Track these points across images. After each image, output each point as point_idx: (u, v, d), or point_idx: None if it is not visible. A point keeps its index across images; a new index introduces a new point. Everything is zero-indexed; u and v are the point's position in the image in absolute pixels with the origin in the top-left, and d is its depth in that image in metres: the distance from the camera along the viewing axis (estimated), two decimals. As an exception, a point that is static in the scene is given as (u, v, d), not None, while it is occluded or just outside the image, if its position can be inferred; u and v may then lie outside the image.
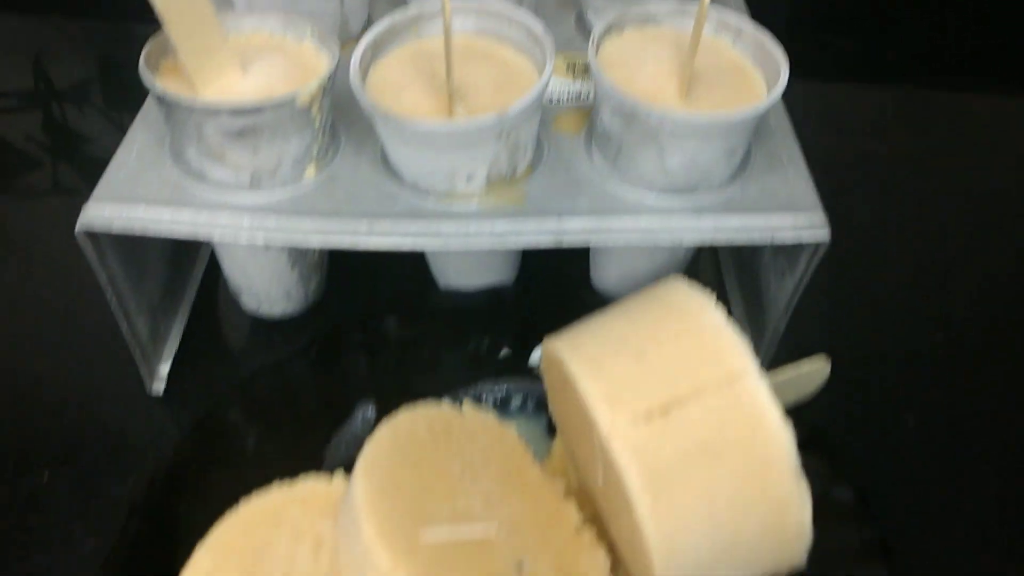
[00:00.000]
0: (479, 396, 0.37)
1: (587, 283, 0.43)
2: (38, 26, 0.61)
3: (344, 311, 0.42)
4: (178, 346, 0.41)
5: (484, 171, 0.33)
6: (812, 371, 0.32)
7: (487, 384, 0.38)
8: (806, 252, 0.34)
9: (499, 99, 0.33)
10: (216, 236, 0.33)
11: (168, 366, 0.40)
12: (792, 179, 0.35)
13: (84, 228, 0.32)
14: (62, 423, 0.38)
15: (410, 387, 0.36)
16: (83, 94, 0.56)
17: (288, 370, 0.37)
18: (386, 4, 0.43)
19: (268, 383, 0.37)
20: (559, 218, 0.33)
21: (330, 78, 0.33)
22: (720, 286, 0.44)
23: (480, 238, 0.33)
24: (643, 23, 0.36)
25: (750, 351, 0.28)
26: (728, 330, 0.28)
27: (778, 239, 0.33)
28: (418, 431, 0.31)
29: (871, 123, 0.55)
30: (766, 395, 0.27)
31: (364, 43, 0.34)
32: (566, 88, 0.39)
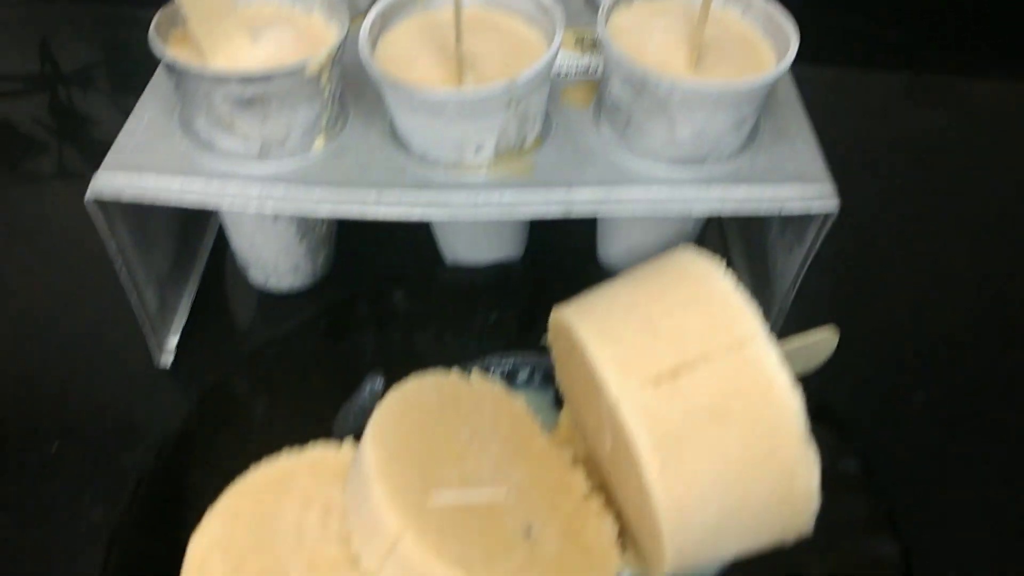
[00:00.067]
0: (486, 369, 0.37)
1: (594, 258, 0.43)
2: (44, 10, 0.61)
3: (352, 286, 0.42)
4: (186, 320, 0.41)
5: (493, 142, 0.33)
6: (820, 341, 0.32)
7: (494, 357, 0.38)
8: (814, 224, 0.34)
9: (508, 70, 0.33)
10: (225, 205, 0.33)
11: (176, 339, 0.40)
12: (801, 151, 0.35)
13: (94, 196, 0.32)
14: (70, 396, 0.38)
15: (418, 360, 0.36)
16: (89, 78, 0.56)
17: (296, 342, 0.37)
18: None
19: (277, 355, 0.37)
20: (568, 189, 0.34)
21: (339, 47, 0.33)
22: (727, 262, 0.44)
23: (488, 208, 0.33)
24: (652, -5, 0.36)
25: (759, 316, 0.28)
26: (737, 295, 0.28)
27: (787, 209, 0.33)
28: (427, 398, 0.31)
29: (879, 106, 0.55)
30: (775, 359, 0.27)
31: (373, 14, 0.34)
32: (574, 62, 0.39)
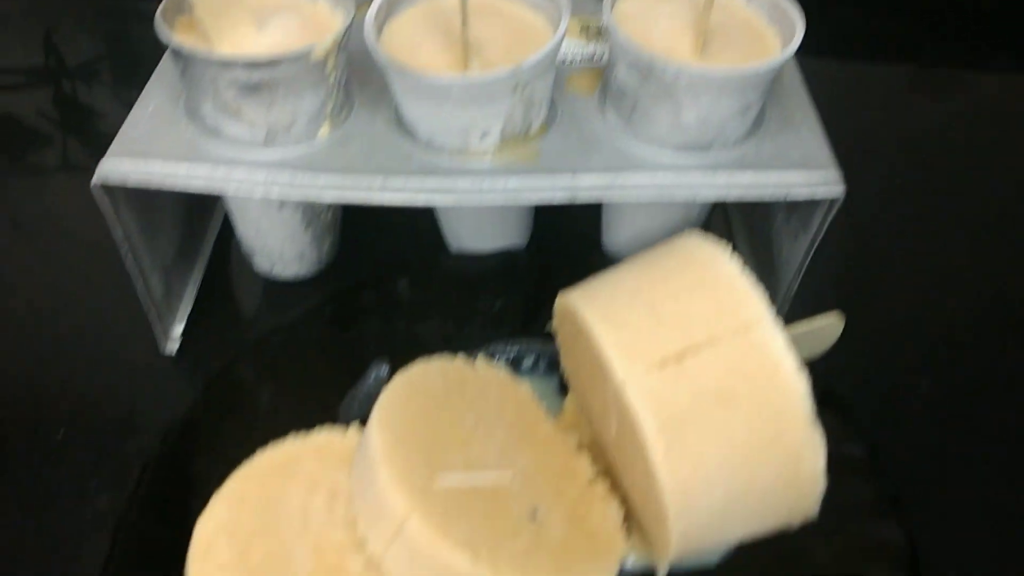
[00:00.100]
0: (491, 356, 0.37)
1: (599, 246, 0.43)
2: (47, 2, 0.61)
3: (356, 274, 0.42)
4: (191, 308, 0.41)
5: (498, 127, 0.33)
6: (825, 326, 0.32)
7: (499, 344, 0.38)
8: (820, 210, 0.34)
9: (514, 56, 0.33)
10: (231, 190, 0.33)
11: (181, 327, 0.40)
12: (806, 138, 0.35)
13: (100, 181, 0.32)
14: (75, 384, 0.38)
15: (423, 347, 0.36)
16: (92, 71, 0.56)
17: (302, 330, 0.37)
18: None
19: (282, 342, 0.37)
20: (573, 174, 0.34)
21: (345, 33, 0.33)
22: (731, 249, 0.44)
23: (494, 194, 0.33)
24: (658, -19, 0.36)
25: (765, 300, 0.28)
26: (743, 279, 0.28)
27: (793, 195, 0.33)
28: (432, 383, 0.31)
29: (884, 99, 0.55)
30: (781, 343, 0.27)
31: (379, 1, 0.34)
32: (579, 50, 0.39)
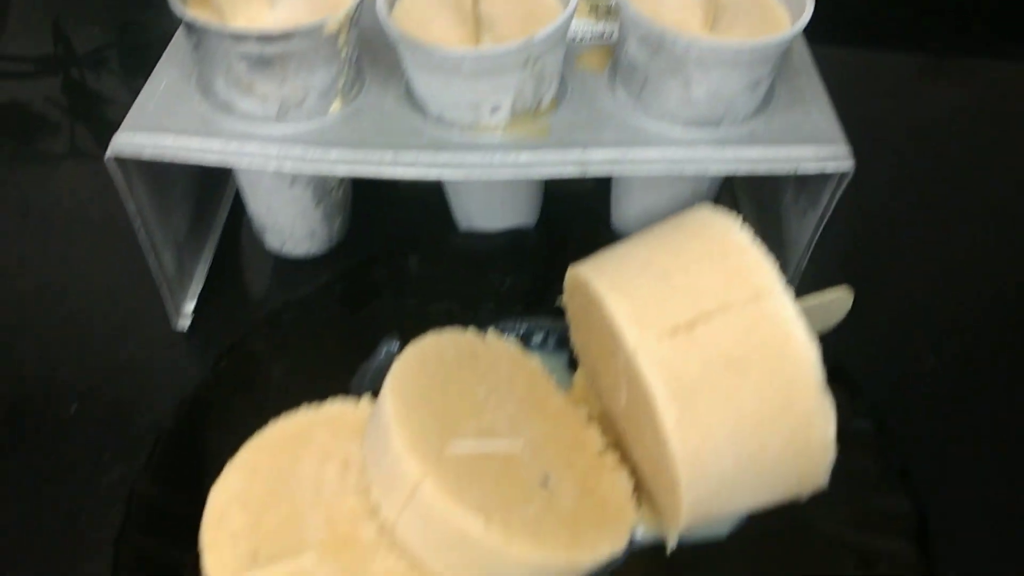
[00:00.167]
0: (501, 332, 0.37)
1: (608, 224, 0.43)
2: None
3: (367, 252, 0.42)
4: (202, 285, 0.41)
5: (509, 102, 0.34)
6: (835, 300, 0.32)
7: (509, 322, 0.38)
8: (829, 185, 0.34)
9: (525, 32, 0.33)
10: (244, 164, 0.33)
11: (193, 304, 0.40)
12: (816, 115, 0.35)
13: (114, 154, 0.33)
14: (88, 361, 0.39)
15: (433, 323, 0.36)
16: (101, 58, 0.56)
17: (313, 306, 0.38)
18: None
19: (293, 319, 0.37)
20: (584, 149, 0.34)
21: (357, 8, 0.33)
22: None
23: (504, 169, 0.34)
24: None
25: (776, 269, 0.28)
26: (754, 249, 0.28)
27: (802, 169, 0.33)
28: (444, 354, 0.31)
29: (894, 86, 0.55)
30: (792, 311, 0.27)
31: (390, -24, 0.34)
32: (589, 28, 0.39)
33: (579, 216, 0.43)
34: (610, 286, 0.29)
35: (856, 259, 0.43)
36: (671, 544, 0.30)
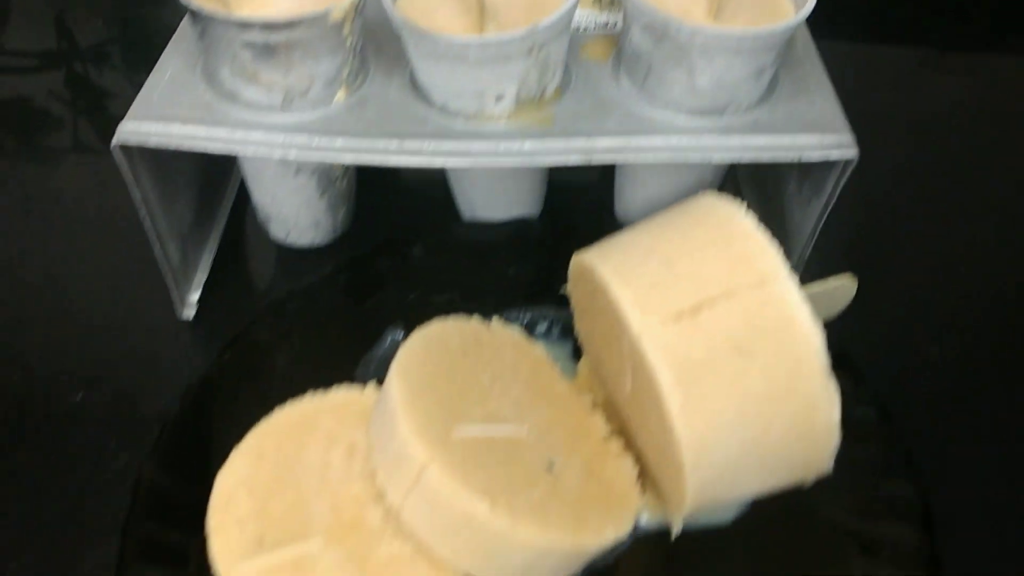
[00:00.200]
0: (505, 321, 0.38)
1: (612, 214, 0.43)
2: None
3: (371, 242, 0.42)
4: (207, 275, 0.41)
5: (513, 91, 0.34)
6: (839, 287, 0.32)
7: (513, 311, 0.38)
8: (833, 174, 0.34)
9: (529, 20, 0.33)
10: (250, 152, 0.34)
11: (198, 294, 0.40)
12: (819, 103, 0.35)
13: (120, 142, 0.33)
14: (93, 348, 0.39)
15: (438, 313, 0.36)
16: (104, 53, 0.57)
17: (318, 295, 0.38)
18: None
19: (298, 308, 0.37)
20: (588, 137, 0.34)
21: (362, -3, 0.33)
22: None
23: (509, 157, 0.34)
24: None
25: (780, 254, 0.28)
26: (758, 234, 0.29)
27: (806, 157, 0.33)
28: (450, 341, 0.32)
29: (897, 81, 0.55)
30: (796, 296, 0.27)
31: (395, -35, 0.34)
32: (593, 18, 0.39)
33: (583, 206, 0.43)
34: (615, 272, 0.29)
35: (859, 248, 0.43)
36: (675, 529, 0.30)
